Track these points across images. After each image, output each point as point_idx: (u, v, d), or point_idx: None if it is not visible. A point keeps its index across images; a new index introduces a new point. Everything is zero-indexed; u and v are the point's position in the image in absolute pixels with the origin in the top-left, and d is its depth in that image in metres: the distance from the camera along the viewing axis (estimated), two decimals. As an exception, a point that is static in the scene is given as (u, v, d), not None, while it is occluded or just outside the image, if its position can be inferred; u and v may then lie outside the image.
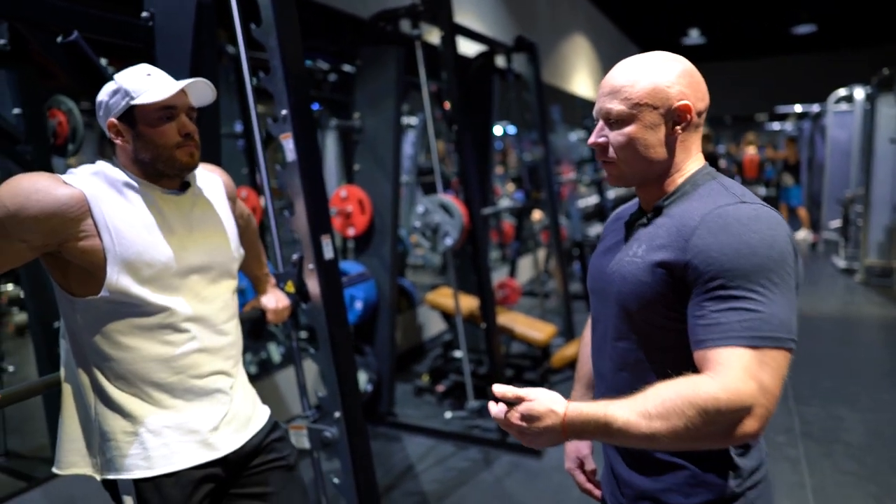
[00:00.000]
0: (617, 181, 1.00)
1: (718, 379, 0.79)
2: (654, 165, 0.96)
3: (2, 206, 1.06)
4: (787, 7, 11.00)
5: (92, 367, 1.20)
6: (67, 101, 2.52)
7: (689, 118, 0.94)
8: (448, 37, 3.06)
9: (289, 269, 1.87)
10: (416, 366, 4.38)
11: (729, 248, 0.83)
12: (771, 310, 0.81)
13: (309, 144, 1.87)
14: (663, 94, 0.92)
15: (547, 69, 7.05)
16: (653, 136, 0.94)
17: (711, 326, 0.83)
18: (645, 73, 0.94)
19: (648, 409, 0.81)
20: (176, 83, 1.19)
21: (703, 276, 0.85)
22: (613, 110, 0.94)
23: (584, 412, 0.84)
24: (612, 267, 0.99)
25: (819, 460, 2.85)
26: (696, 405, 0.78)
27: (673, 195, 0.97)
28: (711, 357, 0.82)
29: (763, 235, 0.83)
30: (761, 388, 0.79)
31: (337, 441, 1.89)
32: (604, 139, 0.98)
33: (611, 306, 0.99)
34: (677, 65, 0.95)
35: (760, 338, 0.80)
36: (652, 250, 0.92)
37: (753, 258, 0.82)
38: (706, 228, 0.86)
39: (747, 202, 0.88)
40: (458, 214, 3.09)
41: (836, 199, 7.86)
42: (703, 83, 0.96)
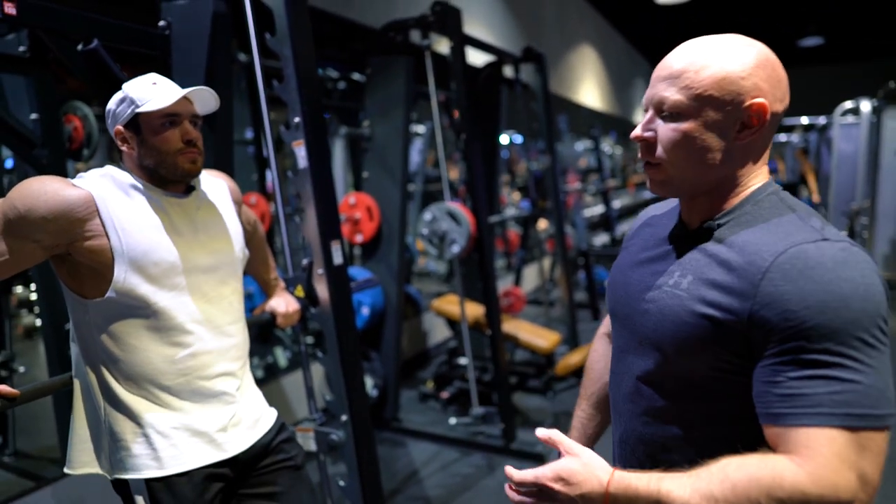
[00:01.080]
0: (660, 188, 0.82)
1: (808, 467, 0.64)
2: (709, 174, 0.78)
3: (13, 207, 1.10)
4: (794, 20, 11.04)
5: (101, 369, 1.22)
6: (83, 107, 2.57)
7: (763, 121, 0.76)
8: (457, 47, 3.10)
9: (298, 274, 1.90)
10: (420, 372, 4.40)
11: (813, 300, 0.67)
12: (869, 379, 0.65)
13: (321, 152, 1.91)
14: (734, 87, 0.74)
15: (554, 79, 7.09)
16: (713, 139, 0.76)
17: (792, 398, 0.67)
18: (715, 56, 0.75)
19: (714, 491, 0.67)
20: (178, 91, 1.22)
21: (777, 333, 0.68)
22: (669, 99, 0.76)
23: (632, 485, 0.70)
24: (646, 294, 0.83)
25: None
26: (775, 497, 0.64)
27: (729, 215, 0.79)
28: (794, 437, 0.66)
29: (856, 284, 0.67)
30: (862, 479, 0.64)
31: (343, 444, 1.91)
32: (651, 133, 0.80)
33: (639, 340, 0.84)
34: (755, 51, 0.76)
35: (859, 416, 0.65)
36: (702, 285, 0.76)
37: (845, 313, 0.66)
38: (781, 272, 0.69)
39: (832, 239, 0.71)
40: (465, 222, 3.12)
41: (842, 212, 7.85)
42: (785, 79, 0.78)
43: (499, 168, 4.76)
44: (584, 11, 9.90)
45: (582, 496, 0.71)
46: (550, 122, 4.41)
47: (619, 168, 10.98)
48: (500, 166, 4.88)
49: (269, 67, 1.92)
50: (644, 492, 0.69)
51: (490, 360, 3.40)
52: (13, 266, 1.13)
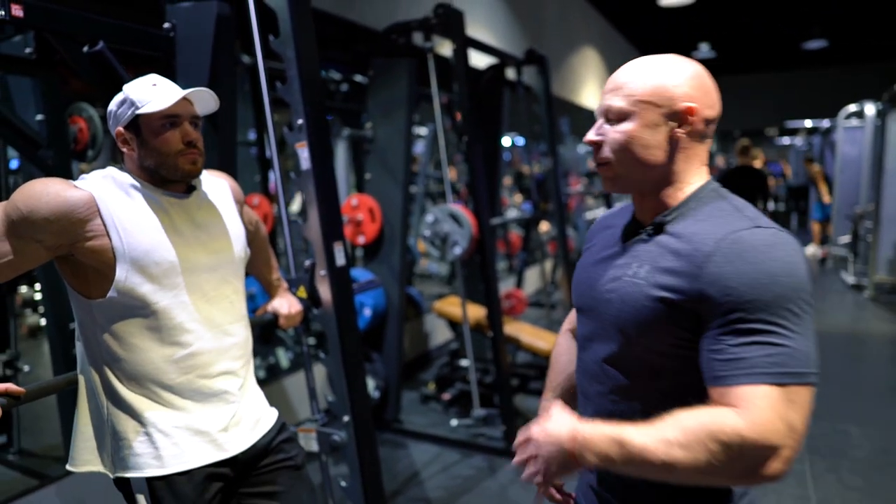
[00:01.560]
0: (612, 185, 0.95)
1: (745, 416, 0.75)
2: (652, 170, 0.90)
3: (16, 208, 1.12)
4: (799, 22, 11.03)
5: (104, 368, 1.23)
6: (88, 109, 2.58)
7: (693, 122, 0.88)
8: (460, 49, 3.11)
9: (301, 275, 1.91)
10: (422, 374, 4.40)
11: (748, 277, 0.78)
12: (796, 343, 0.77)
13: (323, 153, 1.92)
14: (668, 93, 0.87)
15: (556, 81, 7.10)
16: (652, 137, 0.88)
17: (732, 362, 0.78)
18: (651, 70, 0.89)
19: (668, 436, 0.77)
20: (178, 93, 1.23)
21: (719, 307, 0.79)
22: (614, 106, 0.90)
23: (594, 427, 0.82)
24: (608, 285, 0.93)
25: (824, 475, 2.84)
26: (719, 438, 0.74)
27: (676, 210, 0.90)
28: (735, 394, 0.77)
29: (783, 263, 0.79)
30: (789, 428, 0.75)
31: (345, 445, 1.92)
32: (600, 137, 0.93)
33: (604, 326, 0.94)
34: (689, 66, 0.90)
35: (788, 374, 0.76)
36: (656, 273, 0.86)
37: (775, 288, 0.77)
38: (722, 255, 0.80)
39: (763, 226, 0.83)
40: (467, 224, 3.13)
41: (846, 215, 7.84)
42: (714, 91, 0.91)
43: (500, 170, 4.77)
44: (587, 13, 9.91)
45: (552, 442, 0.84)
46: (553, 125, 4.42)
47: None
48: (501, 168, 4.89)
49: (272, 69, 1.94)
50: (609, 433, 0.80)
51: (491, 361, 3.41)
52: (17, 267, 1.14)
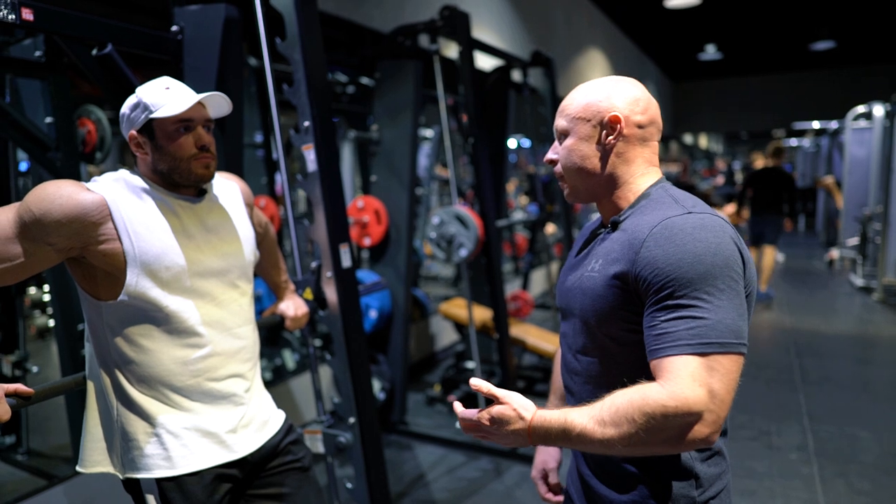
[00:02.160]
0: (570, 196, 1.06)
1: (667, 386, 0.81)
2: (594, 177, 1.01)
3: (28, 211, 1.12)
4: (806, 23, 10.97)
5: (114, 370, 1.24)
6: (96, 111, 2.60)
7: (619, 128, 0.97)
8: (466, 51, 3.11)
9: (307, 277, 1.91)
10: (427, 375, 4.40)
11: (674, 258, 0.85)
12: (717, 316, 0.82)
13: (330, 155, 1.92)
14: (594, 108, 0.99)
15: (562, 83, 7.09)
16: (587, 147, 1.00)
17: (661, 336, 0.85)
18: (584, 92, 1.01)
19: (603, 416, 0.84)
20: (192, 97, 1.23)
21: (652, 287, 0.87)
22: (558, 127, 1.03)
23: (547, 419, 0.88)
24: (574, 283, 1.02)
25: (833, 479, 2.82)
26: (644, 412, 0.80)
27: (629, 210, 0.99)
28: (663, 366, 0.84)
29: (708, 243, 0.85)
30: (710, 393, 0.80)
31: (351, 446, 1.92)
32: (555, 155, 1.05)
33: (574, 321, 1.02)
34: (617, 83, 1.01)
35: (707, 344, 0.82)
36: (607, 264, 0.95)
37: (698, 266, 0.84)
38: (653, 240, 0.88)
39: (695, 212, 0.90)
40: (473, 226, 3.13)
41: (854, 217, 7.79)
42: (644, 99, 1.00)
43: (506, 172, 4.77)
44: (593, 15, 9.90)
45: (511, 432, 0.90)
46: (559, 127, 4.41)
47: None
48: (507, 170, 4.89)
49: (279, 71, 1.94)
50: (555, 423, 0.87)
51: (497, 363, 3.40)
52: (28, 268, 1.14)
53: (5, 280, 1.13)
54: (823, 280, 7.68)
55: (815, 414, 3.56)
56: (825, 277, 7.86)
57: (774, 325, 5.56)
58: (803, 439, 3.24)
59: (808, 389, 3.97)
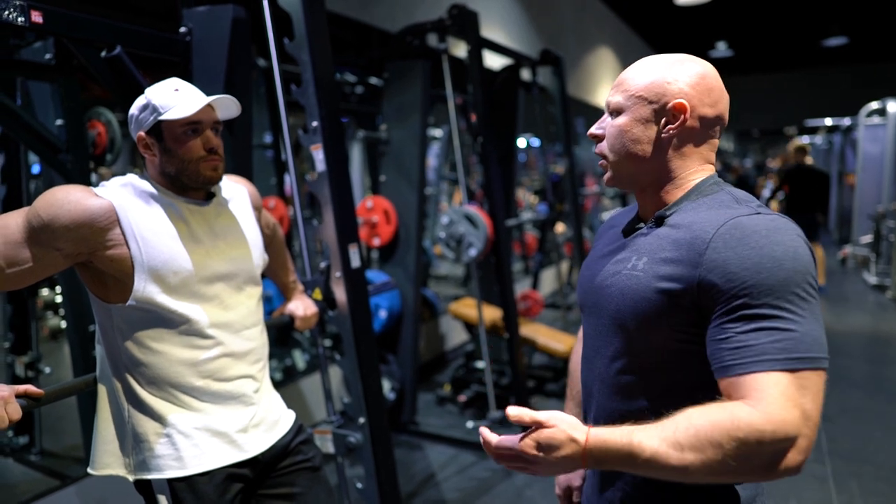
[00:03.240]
0: (610, 180, 0.96)
1: (759, 407, 0.71)
2: (642, 165, 0.91)
3: (37, 216, 1.12)
4: (818, 19, 10.87)
5: (124, 372, 1.24)
6: (106, 113, 2.62)
7: (684, 119, 0.87)
8: (475, 50, 3.10)
9: (316, 277, 1.91)
10: (437, 375, 4.40)
11: (750, 262, 0.76)
12: (804, 328, 0.74)
13: (338, 155, 1.92)
14: (660, 90, 0.88)
15: (572, 82, 7.06)
16: (642, 132, 0.89)
17: (740, 350, 0.75)
18: (651, 68, 0.90)
19: (679, 439, 0.73)
20: (201, 99, 1.22)
21: (723, 294, 0.77)
22: (612, 102, 0.92)
23: (607, 441, 0.76)
24: (608, 280, 0.92)
25: (847, 480, 2.78)
26: (734, 437, 0.71)
27: (676, 205, 0.90)
28: (745, 384, 0.74)
29: (786, 247, 0.77)
30: (804, 416, 0.72)
31: (361, 447, 1.92)
32: (601, 130, 0.95)
33: (605, 322, 0.92)
34: (691, 65, 0.89)
35: (798, 359, 0.73)
36: (655, 264, 0.85)
37: (779, 272, 0.75)
38: (722, 241, 0.79)
39: (764, 213, 0.82)
40: (482, 226, 3.12)
41: (868, 215, 7.70)
42: (717, 90, 0.89)
43: (516, 171, 4.75)
44: (602, 13, 9.86)
45: (562, 458, 0.76)
46: (568, 125, 4.39)
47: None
48: (517, 169, 4.87)
49: (287, 72, 1.94)
50: (618, 445, 0.75)
51: (507, 363, 3.39)
52: (36, 273, 1.15)
53: (14, 284, 1.13)
54: (836, 278, 7.60)
55: (828, 413, 3.52)
56: (838, 275, 7.78)
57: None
58: (817, 439, 3.20)
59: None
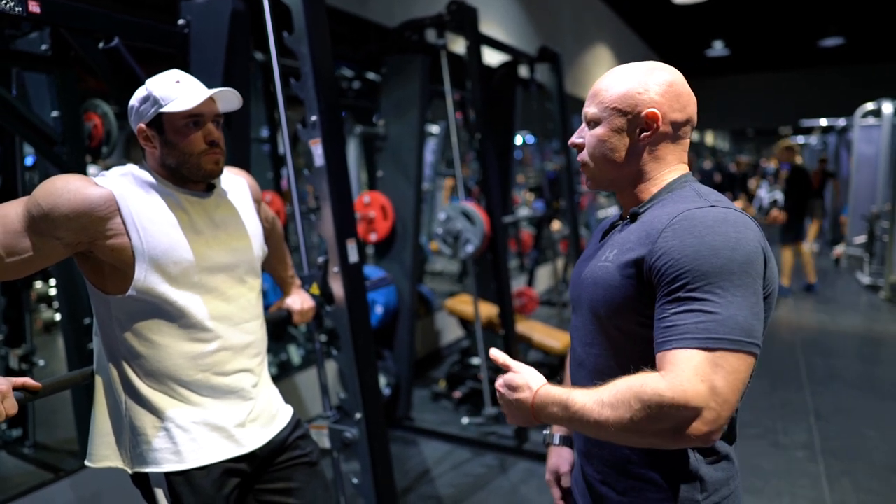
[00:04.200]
0: (590, 183, 1.03)
1: (668, 377, 0.79)
2: (621, 170, 0.98)
3: (36, 205, 1.11)
4: (815, 19, 10.90)
5: (122, 364, 1.23)
6: (103, 105, 2.60)
7: (656, 127, 0.94)
8: (473, 46, 3.10)
9: (314, 272, 1.91)
10: (433, 371, 4.40)
11: (691, 250, 0.82)
12: (729, 311, 0.79)
13: (337, 150, 1.91)
14: (633, 101, 0.94)
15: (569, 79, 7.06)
16: (619, 141, 0.96)
17: (669, 328, 0.82)
18: (622, 79, 0.95)
19: (603, 397, 0.83)
20: (203, 92, 1.22)
21: (665, 277, 0.84)
22: (589, 112, 0.98)
23: (551, 392, 0.89)
24: (585, 273, 1.00)
25: (840, 478, 2.81)
26: (641, 399, 0.78)
27: (649, 202, 0.97)
28: (667, 358, 0.81)
29: (727, 237, 0.82)
30: (712, 390, 0.77)
31: (357, 442, 1.92)
32: (581, 140, 1.01)
33: (584, 313, 1.00)
34: (659, 74, 0.95)
35: (716, 339, 0.79)
36: (622, 254, 0.92)
37: (714, 260, 0.81)
38: (672, 230, 0.86)
39: (718, 206, 0.87)
40: (479, 222, 3.12)
41: (861, 215, 7.74)
42: (685, 95, 0.95)
43: (513, 168, 4.75)
44: (600, 11, 9.85)
45: (517, 400, 0.93)
46: (565, 123, 4.39)
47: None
48: (513, 166, 4.87)
49: (285, 66, 1.93)
50: (558, 396, 0.89)
51: (503, 360, 3.39)
52: (37, 263, 1.14)
53: (14, 274, 1.13)
54: (830, 278, 7.64)
55: (821, 412, 3.54)
56: (831, 275, 7.82)
57: (780, 323, 5.53)
58: (810, 437, 3.22)
59: (815, 388, 3.95)
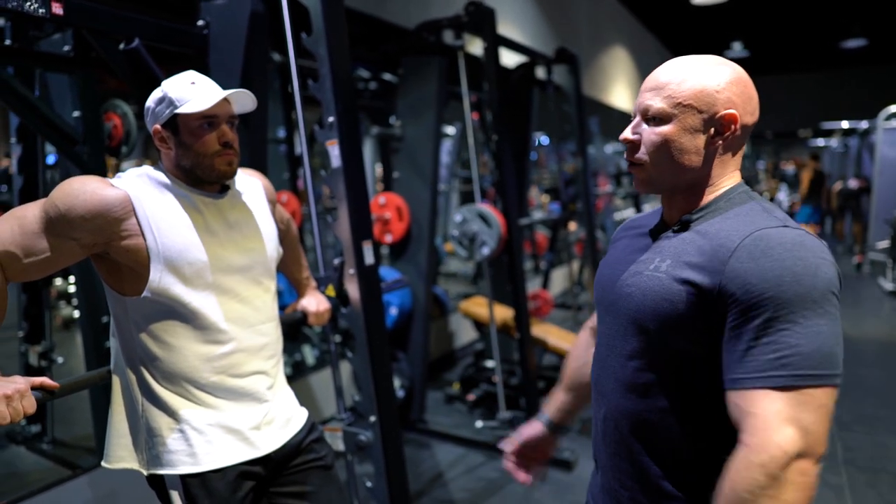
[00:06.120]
0: (643, 186, 0.93)
1: (747, 440, 0.74)
2: (685, 174, 0.89)
3: (54, 206, 1.12)
4: (837, 20, 10.73)
5: (139, 366, 1.24)
6: (123, 105, 2.62)
7: (734, 130, 0.86)
8: (491, 47, 3.08)
9: (330, 273, 1.90)
10: (446, 373, 4.39)
11: (771, 275, 0.76)
12: (814, 343, 0.74)
13: (354, 151, 1.91)
14: (710, 98, 0.85)
15: (586, 81, 7.02)
16: (690, 142, 0.87)
17: (746, 363, 0.76)
18: (694, 72, 0.87)
19: None
20: (217, 93, 1.22)
21: (739, 304, 0.78)
22: (653, 107, 0.88)
23: None
24: (628, 279, 0.92)
25: (864, 490, 2.75)
26: (741, 488, 0.73)
27: (704, 210, 0.90)
28: (742, 402, 0.76)
29: (807, 263, 0.76)
30: (802, 431, 0.72)
31: (371, 445, 1.91)
32: (637, 136, 0.91)
33: (623, 321, 0.92)
34: (730, 70, 0.88)
35: (800, 376, 0.73)
36: (678, 267, 0.85)
37: (797, 287, 0.75)
38: (746, 252, 0.79)
39: (791, 227, 0.81)
40: (495, 224, 3.10)
41: (884, 220, 7.60)
42: (755, 97, 0.89)
43: (529, 170, 4.72)
44: (617, 12, 9.78)
45: None
46: (583, 124, 4.36)
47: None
48: (529, 168, 4.84)
49: (302, 67, 1.93)
50: None
51: (517, 363, 3.37)
52: (54, 264, 1.15)
53: (32, 274, 1.13)
54: (851, 284, 7.51)
55: (843, 421, 3.47)
56: (853, 281, 7.69)
57: (800, 329, 5.44)
58: (832, 448, 3.16)
59: (837, 396, 3.87)
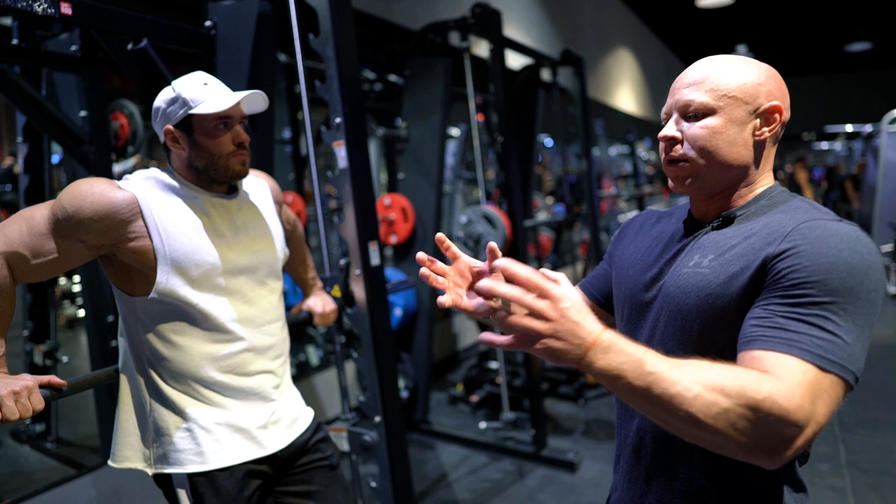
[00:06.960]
0: (686, 184, 0.88)
1: (783, 385, 0.67)
2: (731, 169, 0.85)
3: (61, 208, 1.13)
4: (841, 24, 10.72)
5: (146, 366, 1.24)
6: (129, 105, 2.63)
7: (780, 120, 0.85)
8: (497, 49, 3.08)
9: (336, 274, 1.90)
10: (450, 375, 4.39)
11: (824, 260, 0.72)
12: (849, 338, 0.71)
13: (361, 153, 1.91)
14: (754, 90, 0.84)
15: (591, 83, 7.02)
16: (738, 134, 0.84)
17: (776, 330, 0.72)
18: (732, 67, 0.85)
19: (697, 374, 0.67)
20: (233, 94, 1.23)
21: (785, 279, 0.74)
22: (696, 101, 0.84)
23: (621, 339, 0.68)
24: (665, 279, 0.88)
25: (866, 492, 2.74)
26: (749, 395, 0.66)
27: (745, 208, 0.87)
28: (770, 359, 0.70)
29: (863, 258, 0.73)
30: (815, 412, 0.68)
31: (376, 445, 1.91)
32: (678, 133, 0.87)
33: (658, 321, 0.88)
34: (766, 66, 0.87)
35: (831, 361, 0.69)
36: (723, 260, 0.81)
37: (848, 279, 0.72)
38: (801, 233, 0.76)
39: (846, 223, 0.78)
40: (500, 225, 3.10)
41: (888, 223, 7.58)
42: (788, 95, 0.88)
43: (533, 172, 4.72)
44: (622, 15, 9.79)
45: (570, 331, 0.65)
46: (588, 127, 4.36)
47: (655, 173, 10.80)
48: (534, 170, 4.84)
49: (309, 68, 1.94)
50: (630, 347, 0.67)
51: (520, 365, 3.37)
52: (61, 265, 1.16)
53: (40, 275, 1.14)
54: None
55: (846, 424, 3.46)
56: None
57: (804, 333, 5.43)
58: (835, 450, 3.15)
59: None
